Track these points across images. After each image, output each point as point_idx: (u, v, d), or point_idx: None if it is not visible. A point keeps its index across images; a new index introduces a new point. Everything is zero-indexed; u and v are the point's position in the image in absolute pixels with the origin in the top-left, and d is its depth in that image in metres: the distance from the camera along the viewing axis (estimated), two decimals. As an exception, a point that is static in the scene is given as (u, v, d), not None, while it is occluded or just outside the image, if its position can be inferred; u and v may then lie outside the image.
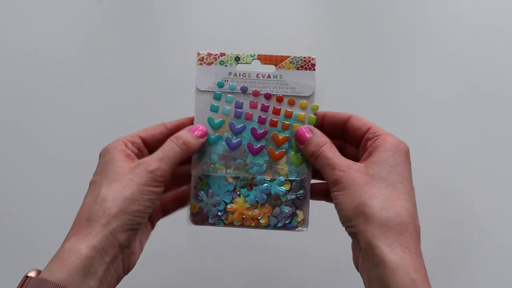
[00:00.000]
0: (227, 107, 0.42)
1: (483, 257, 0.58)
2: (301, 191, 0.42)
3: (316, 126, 0.41)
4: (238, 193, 0.42)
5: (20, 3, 0.61)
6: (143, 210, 0.36)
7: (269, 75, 0.42)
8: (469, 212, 0.58)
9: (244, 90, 0.42)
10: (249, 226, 0.42)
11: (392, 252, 0.34)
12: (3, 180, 0.60)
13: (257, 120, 0.42)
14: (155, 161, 0.37)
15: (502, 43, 0.60)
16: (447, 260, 0.58)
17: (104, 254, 0.34)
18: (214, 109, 0.42)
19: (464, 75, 0.59)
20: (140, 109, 0.51)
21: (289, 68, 0.42)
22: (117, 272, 0.36)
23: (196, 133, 0.40)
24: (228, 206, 0.42)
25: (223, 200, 0.42)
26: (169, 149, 0.38)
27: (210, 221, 0.42)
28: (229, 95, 0.42)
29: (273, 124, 0.42)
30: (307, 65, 0.42)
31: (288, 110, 0.42)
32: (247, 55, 0.42)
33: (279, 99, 0.42)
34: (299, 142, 0.41)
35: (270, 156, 0.42)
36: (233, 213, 0.42)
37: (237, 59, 0.42)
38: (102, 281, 0.34)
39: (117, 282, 0.36)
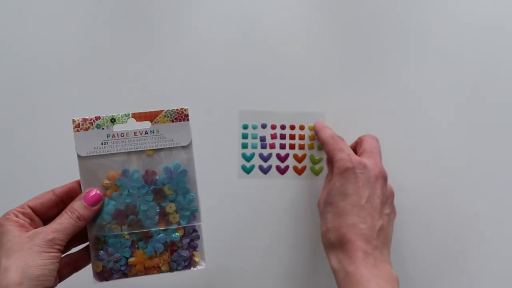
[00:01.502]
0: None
1: (484, 258, 0.58)
2: (194, 234, 0.45)
3: None
4: (136, 246, 0.44)
5: (19, 2, 0.58)
6: (48, 273, 0.38)
7: (146, 131, 0.44)
8: (469, 212, 0.58)
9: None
10: (152, 273, 0.45)
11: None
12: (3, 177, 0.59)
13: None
14: (52, 231, 0.39)
15: (503, 43, 0.60)
16: (447, 260, 0.58)
17: None
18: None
19: (465, 76, 0.59)
20: (140, 108, 0.51)
21: (164, 122, 0.44)
22: None
23: (88, 202, 0.42)
24: (130, 259, 0.44)
25: (123, 256, 0.44)
26: (65, 222, 0.40)
27: (116, 276, 0.44)
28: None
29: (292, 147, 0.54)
30: (181, 116, 0.44)
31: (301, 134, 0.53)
32: (121, 115, 0.44)
33: (292, 127, 0.54)
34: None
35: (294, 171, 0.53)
36: (135, 265, 0.44)
37: (113, 120, 0.44)
38: None
39: None
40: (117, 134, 0.43)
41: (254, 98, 0.58)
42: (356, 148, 0.52)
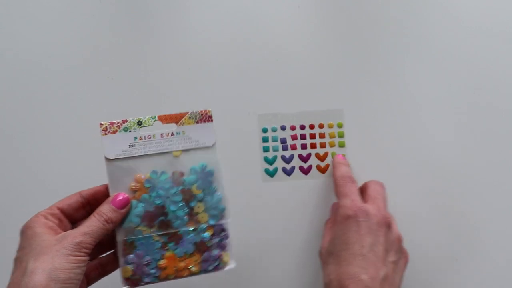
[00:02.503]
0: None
1: (483, 258, 0.58)
2: (223, 233, 0.45)
3: None
4: (166, 248, 0.44)
5: (19, 2, 0.58)
6: (74, 277, 0.37)
7: (172, 133, 0.44)
8: (469, 212, 0.58)
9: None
10: (182, 276, 0.44)
11: None
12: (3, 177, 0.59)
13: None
14: (80, 234, 0.39)
15: (504, 42, 0.60)
16: (447, 260, 0.58)
17: None
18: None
19: (466, 75, 0.59)
20: (141, 108, 0.51)
21: (189, 123, 0.44)
22: None
23: (116, 205, 0.42)
24: (160, 262, 0.44)
25: (153, 259, 0.44)
26: (94, 225, 0.40)
27: (146, 280, 0.44)
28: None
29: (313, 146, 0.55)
30: (205, 117, 0.45)
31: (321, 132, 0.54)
32: (148, 118, 0.44)
33: (312, 127, 0.55)
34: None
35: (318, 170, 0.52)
36: (165, 268, 0.44)
37: (139, 123, 0.44)
38: None
39: None
40: (144, 137, 0.44)
41: (267, 100, 0.58)
42: (361, 193, 0.51)
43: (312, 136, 0.56)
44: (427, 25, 0.60)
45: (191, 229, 0.44)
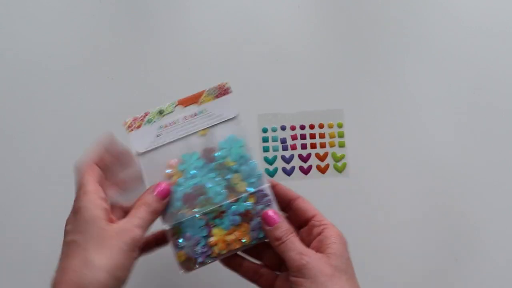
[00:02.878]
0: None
1: (483, 258, 0.58)
2: (265, 198, 0.44)
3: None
4: (213, 225, 0.43)
5: (20, 2, 0.59)
6: (128, 274, 0.38)
7: (195, 113, 0.44)
8: (469, 213, 0.58)
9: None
10: (236, 250, 0.43)
11: None
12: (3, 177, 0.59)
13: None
14: (137, 228, 0.39)
15: (504, 42, 0.61)
16: (447, 260, 0.58)
17: None
18: None
19: (466, 75, 0.60)
20: (141, 109, 0.51)
21: (209, 100, 0.45)
22: None
23: (160, 195, 0.42)
24: (210, 240, 0.43)
25: (201, 237, 0.43)
26: (145, 216, 0.40)
27: (200, 260, 0.43)
28: None
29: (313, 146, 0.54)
30: (223, 91, 0.45)
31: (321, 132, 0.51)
32: (168, 105, 0.45)
33: (312, 127, 0.53)
34: (267, 223, 0.42)
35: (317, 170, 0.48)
36: (216, 244, 0.43)
37: (161, 112, 0.45)
38: None
39: None
40: (169, 123, 0.44)
41: (267, 100, 0.58)
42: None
43: (312, 136, 0.57)
44: (427, 25, 0.60)
45: (232, 201, 0.43)
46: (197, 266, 0.43)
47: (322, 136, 0.57)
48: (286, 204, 0.44)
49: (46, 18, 0.60)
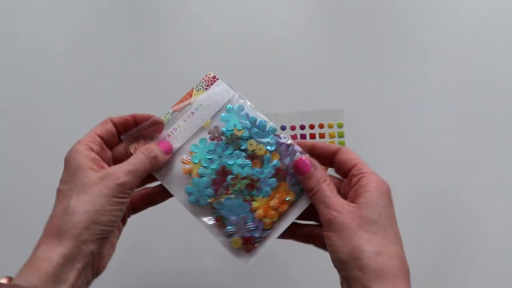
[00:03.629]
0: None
1: (484, 257, 0.57)
2: (290, 148, 0.42)
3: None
4: (252, 200, 0.42)
5: (20, 2, 0.59)
6: (113, 219, 0.36)
7: (192, 111, 0.44)
8: (470, 212, 0.57)
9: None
10: (285, 211, 0.42)
11: None
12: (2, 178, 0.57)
13: None
14: (124, 173, 0.37)
15: (504, 42, 0.61)
16: (447, 260, 0.57)
17: (75, 261, 0.35)
18: None
19: (466, 75, 0.60)
20: (141, 109, 0.52)
21: (200, 94, 0.45)
22: (87, 277, 0.37)
23: (164, 147, 0.41)
24: (256, 213, 0.41)
25: (247, 214, 0.42)
26: (139, 162, 0.39)
27: (257, 237, 0.41)
28: None
29: None
30: (210, 81, 0.45)
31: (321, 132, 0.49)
32: (164, 115, 0.44)
33: (312, 127, 0.52)
34: (299, 173, 0.40)
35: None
36: (264, 215, 0.41)
37: None
38: (73, 287, 0.34)
39: (87, 286, 0.37)
40: (171, 132, 0.44)
41: (267, 100, 0.57)
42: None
43: (312, 136, 0.56)
44: (427, 25, 0.60)
45: (259, 168, 0.42)
46: (256, 243, 0.41)
47: (322, 136, 0.56)
48: (329, 160, 0.42)
49: (46, 18, 0.60)
